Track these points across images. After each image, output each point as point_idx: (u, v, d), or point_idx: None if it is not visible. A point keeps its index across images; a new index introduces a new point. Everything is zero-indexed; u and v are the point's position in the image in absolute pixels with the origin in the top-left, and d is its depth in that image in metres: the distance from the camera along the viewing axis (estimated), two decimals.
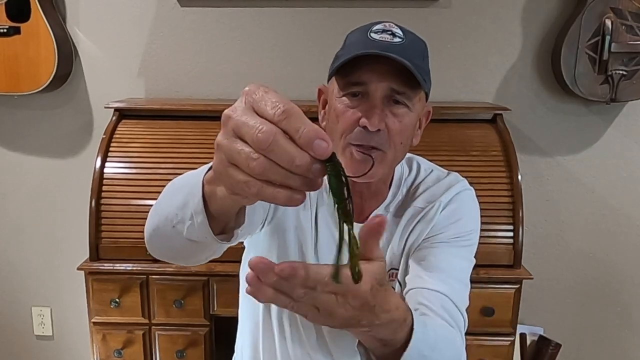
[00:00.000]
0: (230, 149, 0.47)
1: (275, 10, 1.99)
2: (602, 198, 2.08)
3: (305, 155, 0.45)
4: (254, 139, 0.45)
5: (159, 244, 0.76)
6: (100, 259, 1.66)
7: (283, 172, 0.45)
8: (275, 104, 0.46)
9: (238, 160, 0.47)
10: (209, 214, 0.62)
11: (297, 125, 0.45)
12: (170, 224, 0.68)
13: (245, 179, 0.47)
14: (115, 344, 1.68)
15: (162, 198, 0.75)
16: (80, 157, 2.11)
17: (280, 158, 0.45)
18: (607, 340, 2.18)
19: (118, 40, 2.03)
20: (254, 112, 0.47)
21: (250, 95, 0.48)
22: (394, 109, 0.88)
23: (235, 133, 0.48)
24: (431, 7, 1.97)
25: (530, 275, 1.65)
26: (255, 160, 0.45)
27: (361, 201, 0.98)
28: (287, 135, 0.45)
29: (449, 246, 0.95)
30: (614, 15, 1.82)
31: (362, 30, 0.90)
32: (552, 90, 2.01)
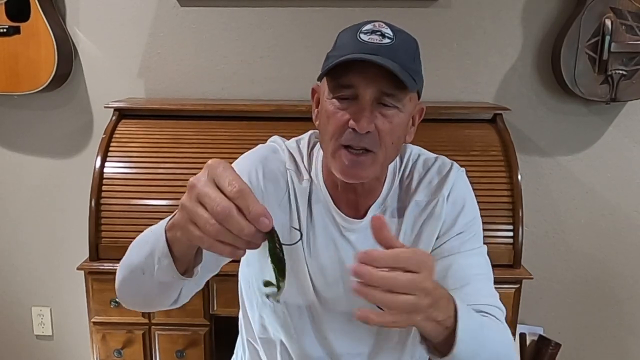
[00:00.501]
0: (192, 212, 0.60)
1: (275, 10, 1.99)
2: (602, 198, 2.08)
3: (252, 227, 0.58)
4: (213, 210, 0.57)
5: (130, 292, 0.85)
6: (100, 258, 1.66)
7: (232, 237, 0.58)
8: (231, 182, 0.58)
9: (198, 222, 0.59)
10: (173, 256, 0.71)
11: (247, 204, 0.57)
12: (140, 272, 0.78)
13: (201, 235, 0.60)
14: (115, 344, 1.68)
15: (129, 254, 0.84)
16: (80, 157, 2.11)
17: (232, 227, 0.57)
18: (607, 340, 2.18)
19: (118, 40, 2.03)
20: (214, 184, 0.59)
21: (212, 170, 0.60)
22: (383, 110, 0.88)
23: (198, 200, 0.59)
24: (431, 7, 1.97)
25: (530, 275, 1.65)
26: (212, 225, 0.58)
27: (356, 197, 0.98)
28: (239, 209, 0.57)
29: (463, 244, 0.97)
30: (613, 15, 1.82)
31: (352, 31, 0.90)
32: (552, 90, 2.01)
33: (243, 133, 1.78)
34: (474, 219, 1.00)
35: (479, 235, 1.00)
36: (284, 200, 0.98)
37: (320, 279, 0.99)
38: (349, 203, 0.99)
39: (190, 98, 2.04)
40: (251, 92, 2.04)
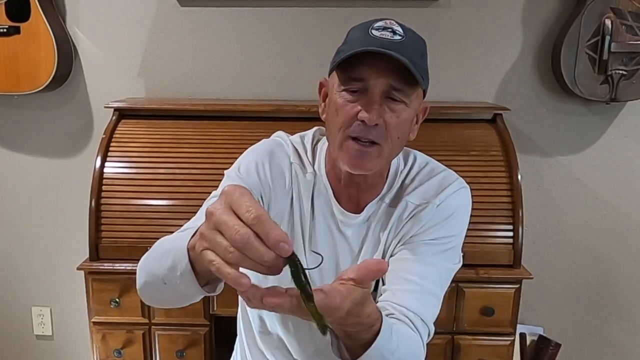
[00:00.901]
0: (212, 240, 0.59)
1: (275, 10, 1.99)
2: (602, 198, 2.08)
3: (272, 253, 0.56)
4: (232, 238, 0.56)
5: (151, 296, 0.88)
6: (100, 258, 1.66)
7: (252, 264, 0.57)
8: (248, 208, 0.57)
9: (217, 249, 0.59)
10: (195, 272, 0.71)
11: (266, 230, 0.56)
12: (161, 282, 0.78)
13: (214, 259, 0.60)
14: (115, 344, 1.68)
15: (151, 259, 0.85)
16: (80, 157, 2.11)
17: (252, 254, 0.56)
18: (607, 340, 2.18)
19: (118, 40, 2.03)
20: (232, 212, 0.58)
21: (228, 197, 0.59)
22: (391, 104, 0.90)
23: (216, 227, 0.59)
24: (431, 7, 1.97)
25: (530, 275, 1.65)
26: (231, 253, 0.57)
27: (358, 193, 1.00)
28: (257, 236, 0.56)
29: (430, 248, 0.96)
30: (613, 15, 1.82)
31: (364, 27, 0.92)
32: (552, 90, 2.01)
33: (243, 133, 1.78)
34: (453, 235, 0.98)
35: (453, 251, 0.99)
36: (288, 193, 1.00)
37: (316, 272, 0.99)
38: (350, 198, 1.00)
39: (190, 98, 2.04)
40: (251, 92, 2.04)
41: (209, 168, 1.68)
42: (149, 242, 1.67)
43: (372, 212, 1.01)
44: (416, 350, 0.86)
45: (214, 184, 1.04)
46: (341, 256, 1.01)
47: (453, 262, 0.99)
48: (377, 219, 1.00)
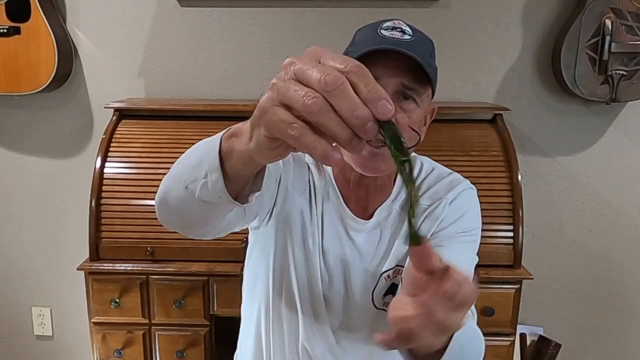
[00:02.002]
0: (287, 87, 0.46)
1: (275, 10, 1.99)
2: (602, 198, 2.08)
3: (367, 110, 0.44)
4: (321, 80, 0.44)
5: (169, 209, 0.74)
6: (100, 259, 1.67)
7: (336, 120, 0.44)
8: (345, 59, 0.45)
9: (293, 98, 0.45)
10: (224, 172, 0.60)
11: (367, 81, 0.44)
12: (182, 185, 0.67)
13: (291, 119, 0.46)
14: (115, 344, 1.68)
15: (178, 162, 0.73)
16: (80, 157, 2.11)
17: (342, 104, 0.44)
18: (607, 340, 2.18)
19: (118, 40, 2.03)
20: (319, 63, 0.46)
21: (316, 52, 0.47)
22: (403, 104, 0.89)
23: (297, 76, 0.46)
24: (431, 7, 1.97)
25: (530, 275, 1.65)
26: (313, 98, 0.44)
27: (367, 194, 0.99)
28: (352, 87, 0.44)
29: (454, 242, 0.96)
30: (614, 16, 1.82)
31: (372, 27, 0.91)
32: (552, 90, 2.01)
33: None
34: (472, 229, 0.99)
35: (475, 244, 1.00)
36: (305, 192, 0.99)
37: (325, 275, 1.00)
38: (358, 201, 1.00)
39: (190, 98, 2.04)
40: (251, 92, 2.04)
41: None
42: (149, 242, 1.69)
43: (383, 218, 1.00)
44: (477, 330, 0.85)
45: None
46: (351, 262, 0.99)
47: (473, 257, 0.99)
48: (389, 225, 1.00)
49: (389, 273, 1.00)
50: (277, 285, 1.00)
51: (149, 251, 1.64)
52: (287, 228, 0.99)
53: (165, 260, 1.65)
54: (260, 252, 1.03)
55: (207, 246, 1.64)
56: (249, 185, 0.65)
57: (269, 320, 1.04)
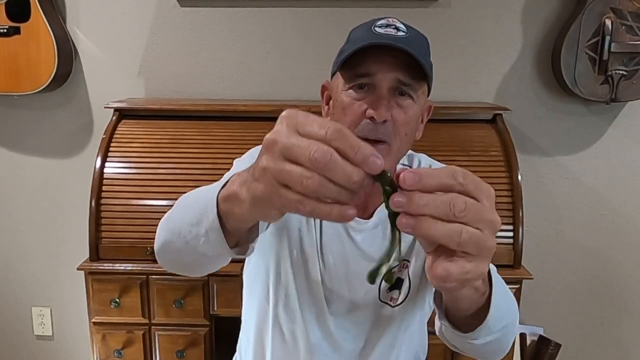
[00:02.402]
0: (281, 171, 0.48)
1: (275, 10, 1.99)
2: (602, 198, 2.08)
3: (361, 172, 0.46)
4: (310, 158, 0.46)
5: (170, 258, 0.78)
6: (100, 259, 1.66)
7: (336, 189, 0.47)
8: (323, 124, 0.47)
9: (290, 180, 0.48)
10: (224, 230, 0.63)
11: (352, 143, 0.46)
12: (183, 240, 0.70)
13: (299, 198, 0.48)
14: (115, 344, 1.68)
15: (174, 214, 0.76)
16: (80, 157, 2.11)
17: (337, 176, 0.46)
18: (607, 340, 2.18)
19: (118, 40, 2.03)
20: (299, 134, 0.48)
21: (291, 119, 0.49)
22: (399, 100, 0.89)
23: (285, 156, 0.48)
24: (431, 7, 1.97)
25: (530, 275, 1.65)
26: (310, 178, 0.46)
27: (365, 195, 0.99)
28: (339, 153, 0.46)
29: None
30: (614, 15, 1.82)
31: (366, 26, 0.91)
32: (552, 90, 2.01)
33: (243, 133, 1.78)
34: None
35: None
36: None
37: (326, 275, 1.00)
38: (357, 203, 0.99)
39: (190, 98, 2.04)
40: (251, 92, 2.04)
41: (209, 168, 1.68)
42: (149, 242, 1.68)
43: (384, 217, 0.99)
44: (511, 293, 0.80)
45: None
46: (352, 262, 0.99)
47: None
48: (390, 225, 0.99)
49: (394, 269, 1.01)
50: (275, 290, 1.00)
51: (148, 251, 1.64)
52: (284, 233, 0.99)
53: None
54: (259, 257, 1.03)
55: None
56: (246, 233, 0.68)
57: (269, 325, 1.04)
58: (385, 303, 1.00)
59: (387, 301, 1.00)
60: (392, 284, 0.99)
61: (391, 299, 1.01)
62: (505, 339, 0.76)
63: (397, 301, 1.00)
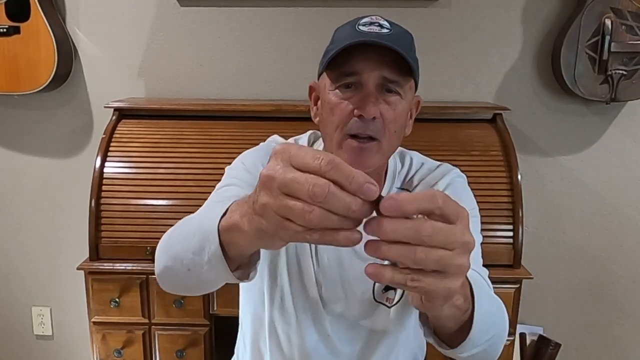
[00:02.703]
0: (282, 207, 0.50)
1: (275, 10, 1.99)
2: (602, 198, 2.08)
3: (359, 200, 0.48)
4: (310, 193, 0.47)
5: (172, 282, 0.80)
6: (100, 258, 1.67)
7: (338, 219, 0.49)
8: (315, 156, 0.48)
9: (292, 215, 0.49)
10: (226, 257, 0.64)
11: (346, 173, 0.48)
12: (185, 267, 0.71)
13: (304, 230, 0.50)
14: (115, 344, 1.68)
15: (174, 240, 0.77)
16: (80, 157, 2.11)
17: (337, 207, 0.48)
18: (607, 340, 2.18)
19: (118, 40, 2.03)
20: (294, 168, 0.49)
21: (284, 154, 0.50)
22: (387, 97, 0.89)
23: (283, 191, 0.49)
24: (431, 7, 1.97)
25: (530, 275, 1.65)
26: (311, 212, 0.48)
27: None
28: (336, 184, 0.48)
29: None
30: (613, 15, 1.82)
31: (350, 25, 0.92)
32: (552, 90, 2.01)
33: (243, 133, 1.78)
34: (472, 209, 0.98)
35: (475, 223, 0.98)
36: None
37: (320, 275, 1.00)
38: None
39: (190, 98, 2.04)
40: (251, 92, 2.04)
41: (209, 168, 1.68)
42: (149, 242, 1.69)
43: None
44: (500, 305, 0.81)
45: (214, 184, 1.04)
46: (345, 259, 1.00)
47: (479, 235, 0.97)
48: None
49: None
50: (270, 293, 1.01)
51: (148, 251, 1.64)
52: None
53: None
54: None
55: None
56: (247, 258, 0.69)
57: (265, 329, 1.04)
58: (380, 303, 1.00)
59: (382, 301, 1.00)
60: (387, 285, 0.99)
61: (387, 299, 1.01)
62: (491, 349, 0.77)
63: (393, 301, 1.00)
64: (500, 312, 0.80)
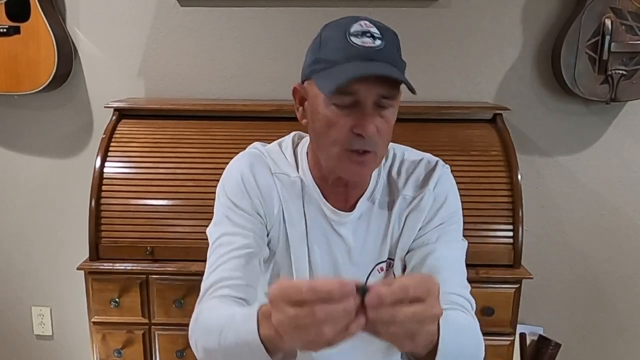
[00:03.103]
0: (302, 337, 0.65)
1: (275, 10, 1.99)
2: (602, 198, 2.08)
3: (351, 302, 0.63)
4: (320, 330, 0.63)
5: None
6: (100, 258, 1.67)
7: (346, 320, 0.63)
8: (299, 291, 0.63)
9: (321, 337, 0.63)
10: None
11: (326, 293, 0.62)
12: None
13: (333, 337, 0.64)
14: (115, 344, 1.68)
15: (211, 343, 0.83)
16: (80, 157, 2.11)
17: (341, 320, 0.63)
18: (606, 340, 2.18)
19: (118, 40, 2.03)
20: (292, 304, 0.63)
21: (276, 299, 0.66)
22: (382, 112, 0.90)
23: (299, 327, 0.64)
24: (431, 7, 1.97)
25: (530, 275, 1.65)
26: (329, 333, 0.63)
27: (346, 190, 1.01)
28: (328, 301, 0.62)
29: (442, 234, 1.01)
30: (613, 15, 1.82)
31: (340, 31, 0.92)
32: (552, 90, 2.01)
33: (243, 133, 1.78)
34: (454, 213, 1.03)
35: (458, 228, 1.04)
36: (277, 203, 1.01)
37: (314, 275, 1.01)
38: (337, 196, 1.02)
39: (190, 98, 2.04)
40: (251, 92, 2.04)
41: (209, 168, 1.68)
42: (149, 242, 1.69)
43: (366, 210, 1.02)
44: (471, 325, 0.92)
45: (213, 184, 1.04)
46: (339, 256, 1.02)
47: (461, 241, 1.04)
48: (374, 216, 1.02)
49: (382, 265, 1.03)
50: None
51: (148, 251, 1.64)
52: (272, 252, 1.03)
53: (165, 260, 1.65)
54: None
55: (207, 246, 1.64)
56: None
57: None
58: None
59: None
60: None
61: None
62: None
63: None
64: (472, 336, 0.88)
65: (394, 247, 1.02)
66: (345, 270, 1.01)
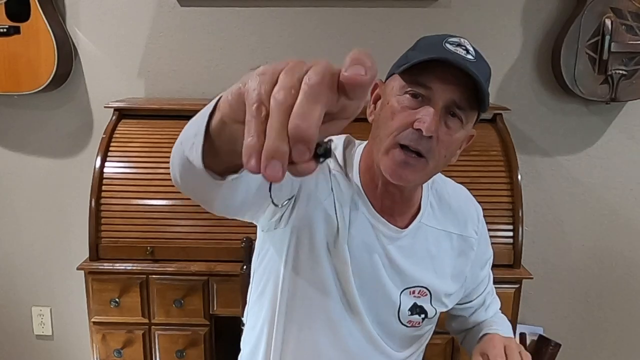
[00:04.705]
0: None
1: (275, 10, 1.99)
2: (602, 198, 2.08)
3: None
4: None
5: (179, 180, 0.75)
6: (100, 258, 1.66)
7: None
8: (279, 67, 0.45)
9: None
10: (210, 138, 0.57)
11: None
12: (182, 152, 0.66)
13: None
14: (115, 344, 1.68)
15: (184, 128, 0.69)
16: (80, 157, 2.11)
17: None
18: (607, 340, 2.18)
19: (118, 40, 2.03)
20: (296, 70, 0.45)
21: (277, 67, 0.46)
22: (449, 120, 0.88)
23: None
24: (431, 7, 1.97)
25: (530, 275, 1.65)
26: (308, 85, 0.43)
27: (392, 203, 0.98)
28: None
29: (485, 271, 1.15)
30: (613, 15, 1.82)
31: (437, 38, 0.90)
32: (552, 90, 2.01)
33: None
34: (490, 258, 1.17)
35: (489, 269, 1.19)
36: (330, 198, 0.96)
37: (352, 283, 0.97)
38: (384, 209, 0.99)
39: (190, 98, 2.04)
40: None
41: None
42: (149, 242, 1.69)
43: (417, 233, 1.01)
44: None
45: None
46: (381, 269, 0.99)
47: (490, 276, 1.22)
48: (421, 239, 1.02)
49: (413, 289, 1.02)
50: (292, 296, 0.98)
51: (149, 251, 1.64)
52: (307, 230, 0.95)
53: (165, 260, 1.65)
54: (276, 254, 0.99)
55: (207, 246, 1.64)
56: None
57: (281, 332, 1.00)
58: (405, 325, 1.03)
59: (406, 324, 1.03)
60: (413, 311, 1.03)
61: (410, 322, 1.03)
62: None
63: (420, 325, 1.06)
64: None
65: (430, 278, 1.03)
66: (385, 282, 0.99)
